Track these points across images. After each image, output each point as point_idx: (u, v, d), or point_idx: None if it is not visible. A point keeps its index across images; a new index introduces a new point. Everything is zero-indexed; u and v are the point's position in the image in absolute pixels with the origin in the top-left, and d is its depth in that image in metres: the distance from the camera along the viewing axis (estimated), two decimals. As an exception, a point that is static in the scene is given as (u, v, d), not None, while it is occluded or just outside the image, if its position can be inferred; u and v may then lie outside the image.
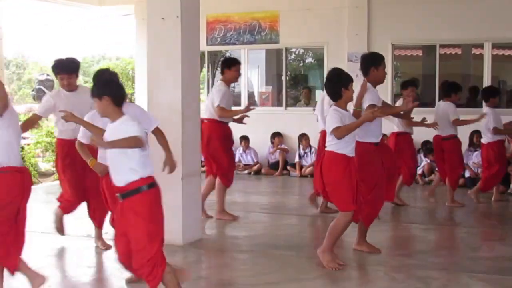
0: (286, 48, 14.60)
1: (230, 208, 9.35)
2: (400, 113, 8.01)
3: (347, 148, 5.98)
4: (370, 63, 6.83)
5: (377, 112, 5.97)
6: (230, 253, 7.01)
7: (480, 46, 13.14)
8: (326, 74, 6.67)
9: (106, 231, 7.94)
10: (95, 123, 5.15)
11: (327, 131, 6.04)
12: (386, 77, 7.13)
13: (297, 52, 15.49)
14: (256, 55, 15.16)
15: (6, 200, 4.86)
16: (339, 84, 6.02)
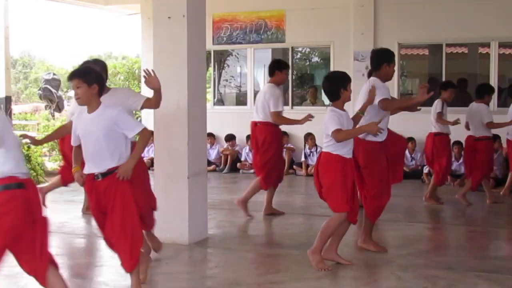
0: (292, 47, 14.60)
1: (236, 207, 9.35)
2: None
3: (344, 149, 5.97)
4: (384, 59, 6.81)
5: (380, 131, 6.00)
6: (236, 252, 7.00)
7: (487, 45, 13.12)
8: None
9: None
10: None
11: (324, 132, 6.02)
12: (394, 71, 7.12)
13: (303, 51, 15.47)
14: (262, 54, 15.15)
15: None
16: (338, 85, 6.01)
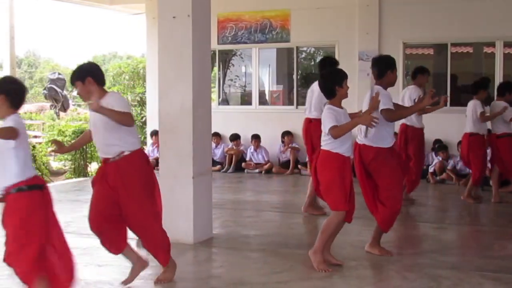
0: (297, 47, 14.59)
1: (241, 207, 9.38)
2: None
3: (342, 147, 5.96)
4: (387, 67, 6.80)
5: (375, 121, 5.95)
6: (241, 251, 7.01)
7: (492, 44, 13.10)
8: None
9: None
10: None
11: (323, 131, 6.01)
12: (397, 76, 7.10)
13: (308, 51, 15.47)
14: (267, 54, 15.15)
15: None
16: (333, 82, 6.00)
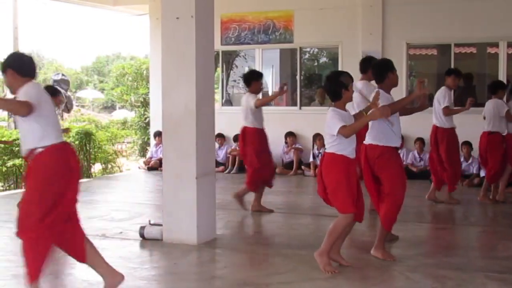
0: (301, 48, 14.59)
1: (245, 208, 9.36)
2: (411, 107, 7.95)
3: (347, 149, 5.94)
4: (388, 68, 6.75)
5: (384, 112, 5.93)
6: (244, 252, 7.01)
7: (496, 45, 13.09)
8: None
9: (121, 230, 7.99)
10: None
11: (327, 133, 5.99)
12: (400, 77, 7.10)
13: (311, 52, 15.47)
14: (271, 55, 15.16)
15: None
16: (340, 85, 5.99)
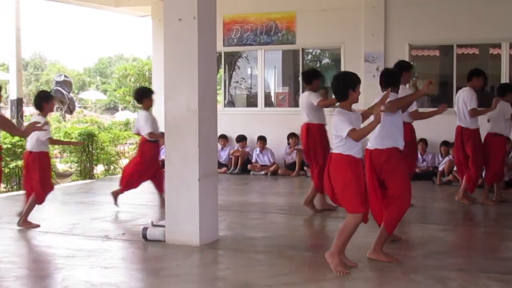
0: (303, 49, 14.60)
1: (246, 209, 9.37)
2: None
3: (354, 149, 5.93)
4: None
5: (384, 110, 5.93)
6: (247, 253, 7.00)
7: (498, 45, 13.10)
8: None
9: (123, 232, 8.00)
10: None
11: (334, 134, 5.98)
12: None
13: (313, 53, 15.47)
14: (273, 56, 15.18)
15: None
16: (347, 86, 5.97)
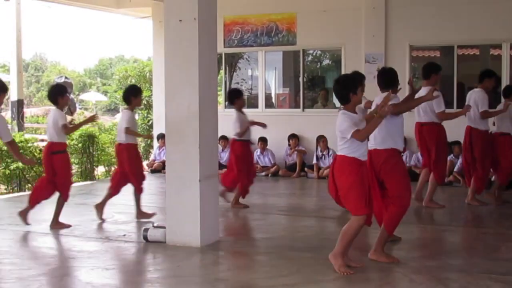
0: (303, 50, 14.58)
1: (247, 210, 9.37)
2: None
3: (359, 151, 5.94)
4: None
5: (388, 109, 5.94)
6: (248, 255, 7.01)
7: (498, 46, 13.08)
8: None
9: (124, 233, 7.99)
10: None
11: (338, 136, 5.99)
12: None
13: (314, 54, 15.47)
14: (273, 57, 15.17)
15: None
16: (347, 89, 5.98)
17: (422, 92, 9.01)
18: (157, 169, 14.64)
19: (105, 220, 8.74)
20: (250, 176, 9.86)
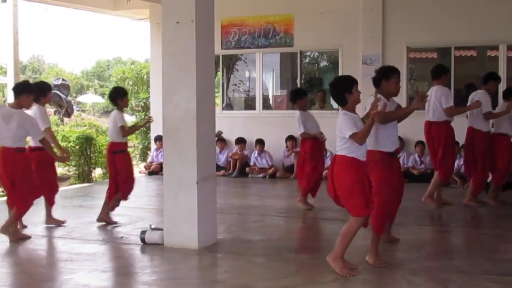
0: (301, 52, 14.59)
1: (245, 212, 9.36)
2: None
3: (359, 151, 5.93)
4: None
5: (380, 114, 5.95)
6: (245, 256, 6.99)
7: (496, 48, 13.10)
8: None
9: (122, 235, 7.98)
10: None
11: (338, 136, 5.98)
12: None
13: (311, 55, 15.47)
14: (271, 59, 15.16)
15: None
16: (342, 90, 5.97)
17: (433, 93, 9.15)
18: (155, 171, 14.64)
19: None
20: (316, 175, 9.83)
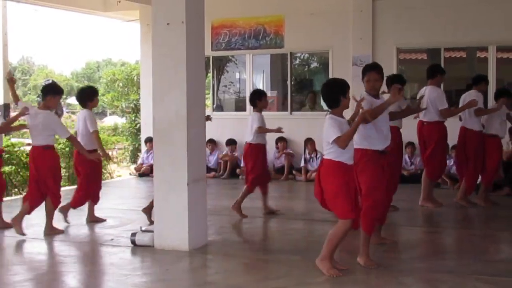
0: (291, 53, 14.60)
1: (236, 213, 9.34)
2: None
3: (345, 155, 5.93)
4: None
5: (369, 112, 5.97)
6: (236, 258, 6.99)
7: (485, 49, 13.15)
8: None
9: (112, 237, 7.96)
10: None
11: (325, 140, 5.98)
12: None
13: (302, 57, 15.48)
14: (261, 60, 15.16)
15: None
16: (338, 92, 5.97)
17: (427, 92, 9.19)
18: (145, 173, 14.61)
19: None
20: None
